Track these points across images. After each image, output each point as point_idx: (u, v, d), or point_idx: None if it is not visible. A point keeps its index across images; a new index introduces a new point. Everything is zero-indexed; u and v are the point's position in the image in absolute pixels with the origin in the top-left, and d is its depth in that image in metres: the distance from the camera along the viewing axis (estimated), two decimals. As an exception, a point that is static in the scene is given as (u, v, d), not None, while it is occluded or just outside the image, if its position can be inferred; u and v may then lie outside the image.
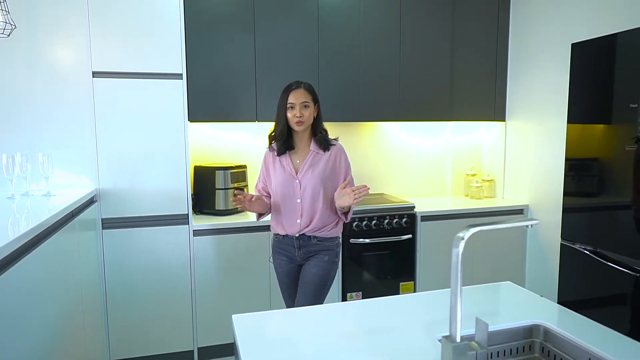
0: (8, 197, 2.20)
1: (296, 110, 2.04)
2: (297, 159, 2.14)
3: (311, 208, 2.10)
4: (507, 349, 1.33)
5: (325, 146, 2.12)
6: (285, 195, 2.13)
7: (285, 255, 2.20)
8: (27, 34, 2.35)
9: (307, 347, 1.22)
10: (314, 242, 2.14)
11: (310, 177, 2.08)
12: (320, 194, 2.10)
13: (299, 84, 2.10)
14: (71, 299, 2.07)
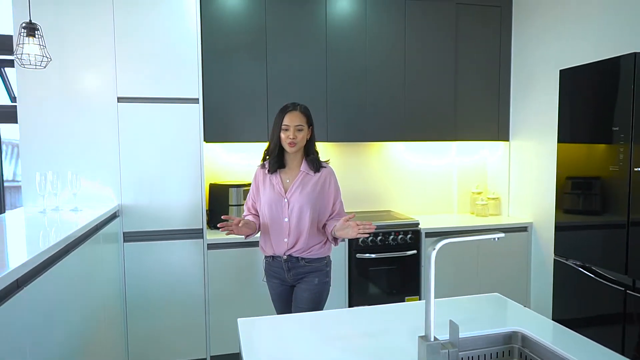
0: (40, 212, 2.41)
1: (290, 132, 2.06)
2: (287, 179, 2.15)
3: (298, 227, 2.10)
4: (488, 353, 1.45)
5: (316, 167, 2.14)
6: (273, 213, 2.12)
7: (276, 278, 2.20)
8: (60, 65, 2.60)
9: (304, 348, 1.37)
10: (302, 263, 2.13)
11: (299, 197, 2.09)
12: (308, 214, 2.09)
13: (295, 106, 2.13)
14: (94, 307, 2.25)
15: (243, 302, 2.95)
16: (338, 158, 3.61)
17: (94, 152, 2.72)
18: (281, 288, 2.21)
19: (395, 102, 3.43)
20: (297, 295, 2.16)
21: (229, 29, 3.09)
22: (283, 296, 2.22)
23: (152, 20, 2.74)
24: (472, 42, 3.56)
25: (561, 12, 3.12)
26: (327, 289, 2.20)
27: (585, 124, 2.55)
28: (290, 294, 2.21)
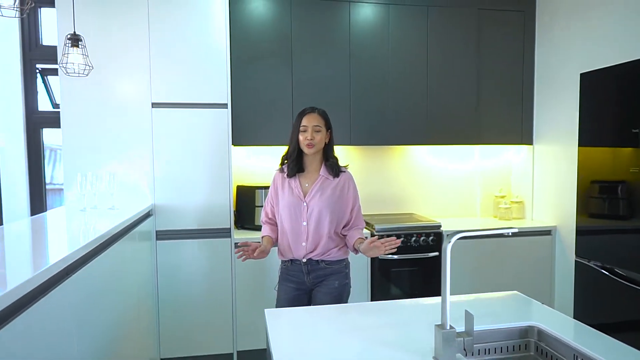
0: (81, 210, 2.58)
1: (308, 133, 2.08)
2: (306, 182, 2.16)
3: (316, 232, 2.11)
4: (504, 346, 1.50)
5: (335, 172, 2.15)
6: (292, 217, 2.13)
7: (293, 282, 2.18)
8: (99, 73, 2.77)
9: (326, 335, 1.45)
10: (322, 266, 2.14)
11: (318, 201, 2.10)
12: (327, 219, 2.10)
13: (314, 109, 2.16)
14: (129, 300, 2.38)
15: (269, 299, 3.03)
16: (361, 161, 3.69)
17: (130, 154, 2.88)
18: (295, 293, 2.18)
19: (418, 106, 3.49)
20: (318, 300, 2.15)
21: (256, 37, 3.22)
22: (294, 303, 2.17)
23: (184, 30, 2.89)
24: (495, 47, 3.59)
25: (585, 15, 3.13)
26: (348, 290, 2.21)
27: (606, 127, 2.56)
28: (303, 300, 2.19)
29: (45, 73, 3.43)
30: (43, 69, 3.42)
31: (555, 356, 1.41)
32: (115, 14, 2.81)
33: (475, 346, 1.45)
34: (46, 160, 3.78)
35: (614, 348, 1.33)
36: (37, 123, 3.40)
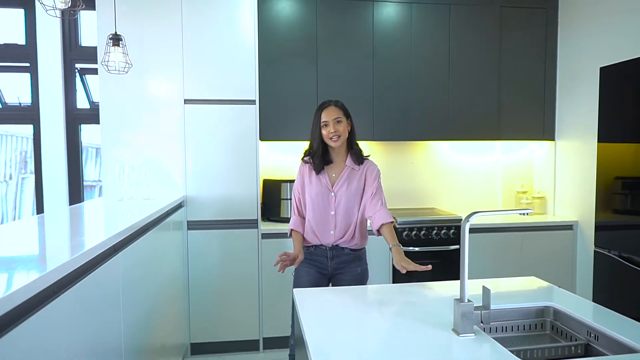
0: (119, 200, 2.75)
1: (330, 127, 2.11)
2: (333, 173, 2.21)
3: (344, 221, 2.17)
4: (521, 324, 1.57)
5: (360, 160, 2.20)
6: (320, 207, 2.19)
7: (314, 266, 2.22)
8: (135, 71, 2.94)
9: (351, 311, 1.55)
10: (346, 252, 2.20)
11: (345, 192, 2.16)
12: (355, 207, 2.17)
13: (330, 102, 2.18)
14: (163, 287, 2.53)
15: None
16: (384, 156, 3.78)
17: (164, 148, 3.04)
18: (316, 276, 2.21)
19: (440, 102, 3.56)
20: (342, 283, 2.21)
21: (283, 36, 3.34)
22: (316, 285, 2.19)
23: (215, 30, 3.04)
24: (517, 44, 3.63)
25: (606, 9, 3.14)
26: (367, 275, 2.30)
27: (626, 123, 2.58)
28: (323, 284, 2.23)
29: (84, 72, 3.64)
30: (82, 69, 3.62)
31: (570, 333, 1.48)
32: (151, 16, 2.97)
33: (493, 324, 1.53)
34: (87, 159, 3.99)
35: (628, 325, 1.39)
36: (75, 119, 3.60)
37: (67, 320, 1.18)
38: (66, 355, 1.18)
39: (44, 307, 1.03)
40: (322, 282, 2.24)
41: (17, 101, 3.65)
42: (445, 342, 1.28)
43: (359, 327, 1.43)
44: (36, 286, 0.99)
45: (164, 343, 2.49)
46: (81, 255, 1.26)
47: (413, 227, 3.29)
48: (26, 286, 0.95)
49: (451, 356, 1.23)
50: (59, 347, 1.13)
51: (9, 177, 4.44)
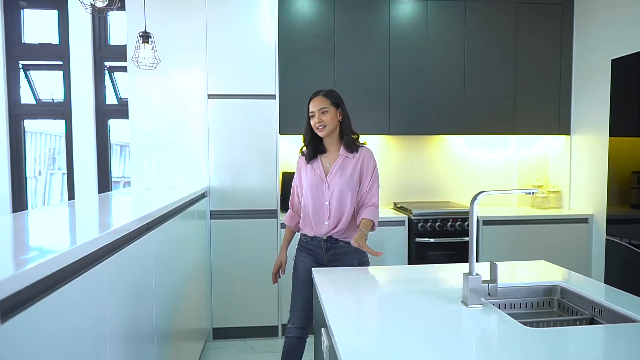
0: (146, 189, 2.90)
1: (315, 117, 2.12)
2: (327, 162, 2.20)
3: (338, 210, 2.14)
4: (529, 302, 1.65)
5: (353, 148, 2.16)
6: (314, 197, 2.18)
7: (311, 255, 2.23)
8: (162, 67, 3.09)
9: (369, 287, 1.65)
10: (341, 244, 2.17)
11: (339, 181, 2.13)
12: (348, 197, 2.14)
13: (318, 92, 2.18)
14: (187, 272, 2.66)
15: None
16: (399, 151, 3.87)
17: (188, 141, 3.19)
18: (313, 265, 2.19)
19: (455, 97, 3.63)
20: None
21: (302, 33, 3.46)
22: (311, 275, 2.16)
23: (238, 28, 3.17)
24: (532, 39, 3.68)
25: (624, 2, 3.17)
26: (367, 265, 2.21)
27: (637, 116, 2.61)
28: None
29: (112, 70, 3.82)
30: (110, 67, 3.80)
31: (576, 309, 1.55)
32: (177, 15, 3.12)
33: (501, 301, 1.61)
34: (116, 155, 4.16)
35: (631, 300, 1.46)
36: (104, 115, 3.78)
37: (108, 287, 1.31)
38: (108, 325, 1.30)
39: (87, 271, 1.16)
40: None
41: (51, 98, 3.85)
42: (455, 312, 1.37)
43: (375, 299, 1.53)
44: (81, 251, 1.11)
45: (190, 327, 2.63)
46: (123, 227, 1.40)
47: (428, 218, 3.36)
48: (72, 250, 1.08)
49: (460, 325, 1.32)
50: (102, 313, 1.26)
51: (38, 174, 4.67)
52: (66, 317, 1.04)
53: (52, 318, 0.97)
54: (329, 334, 1.28)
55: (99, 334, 1.23)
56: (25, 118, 3.79)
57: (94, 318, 1.20)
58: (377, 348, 1.12)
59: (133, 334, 1.55)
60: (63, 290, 1.01)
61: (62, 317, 1.02)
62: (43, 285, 0.93)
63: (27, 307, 0.87)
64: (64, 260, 1.01)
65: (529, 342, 1.16)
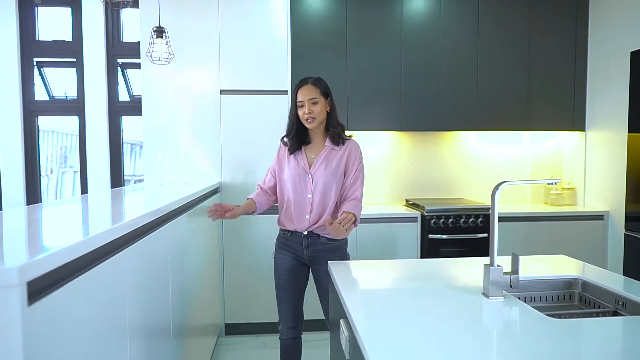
0: (160, 184, 2.90)
1: (305, 107, 2.00)
2: (311, 154, 2.10)
3: (321, 204, 2.05)
4: (549, 295, 1.62)
5: (339, 141, 2.07)
6: (297, 189, 2.07)
7: (290, 252, 2.13)
8: (175, 63, 3.10)
9: (387, 281, 1.64)
10: (322, 241, 2.08)
11: (323, 173, 2.04)
12: (332, 190, 2.05)
13: (307, 80, 2.05)
14: (200, 267, 2.66)
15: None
16: (411, 147, 3.84)
17: (201, 136, 3.20)
18: (293, 263, 2.13)
19: (468, 92, 3.60)
20: (319, 277, 2.11)
21: (314, 29, 3.45)
22: (294, 271, 2.13)
23: (250, 23, 3.17)
24: (546, 32, 3.64)
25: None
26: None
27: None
28: (302, 271, 2.15)
29: (125, 67, 3.83)
30: (123, 63, 3.82)
31: (598, 302, 1.53)
32: (190, 11, 3.13)
33: (521, 294, 1.58)
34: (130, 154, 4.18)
35: (655, 294, 1.43)
36: (117, 111, 3.80)
37: (128, 277, 1.30)
38: (129, 307, 1.30)
39: (109, 258, 1.16)
40: (302, 270, 2.15)
41: (64, 94, 3.88)
42: (476, 304, 1.35)
43: (394, 292, 1.51)
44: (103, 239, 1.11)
45: (203, 322, 2.63)
46: (141, 217, 1.40)
47: (441, 215, 3.34)
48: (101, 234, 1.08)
49: (481, 317, 1.30)
50: (122, 303, 1.26)
51: (50, 172, 4.71)
52: (89, 304, 1.03)
53: (76, 304, 0.97)
54: (350, 325, 1.27)
55: (119, 324, 1.23)
56: (40, 115, 3.81)
57: (115, 308, 1.20)
58: (399, 337, 1.10)
59: (151, 328, 1.55)
60: (86, 276, 1.01)
61: (85, 304, 1.02)
62: (67, 270, 0.93)
63: (52, 291, 0.87)
64: (88, 246, 1.01)
65: (554, 332, 1.14)
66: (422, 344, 1.06)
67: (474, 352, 1.04)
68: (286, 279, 2.13)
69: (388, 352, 1.01)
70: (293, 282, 2.13)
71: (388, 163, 3.84)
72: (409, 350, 1.03)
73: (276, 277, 2.18)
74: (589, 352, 1.07)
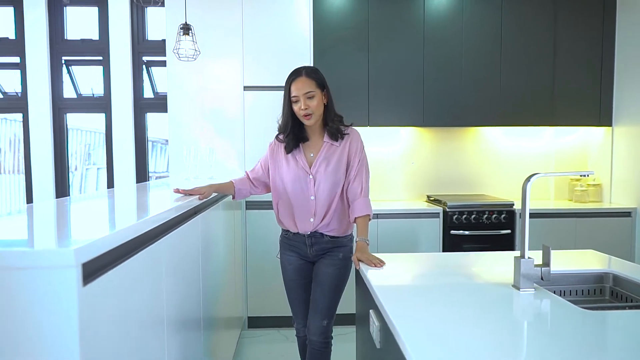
0: (185, 179, 2.96)
1: (301, 102, 1.83)
2: (310, 152, 1.94)
3: (325, 205, 1.93)
4: (579, 289, 1.61)
5: (338, 137, 1.92)
6: (297, 192, 1.94)
7: (295, 252, 2.05)
8: (200, 59, 3.14)
9: (418, 274, 1.65)
10: (326, 239, 1.98)
11: (324, 173, 1.90)
12: (336, 191, 1.93)
13: (300, 72, 1.88)
14: (225, 260, 2.71)
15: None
16: (433, 143, 3.83)
17: (225, 132, 3.24)
18: (299, 262, 2.05)
19: (491, 87, 3.57)
20: (320, 271, 2.00)
21: (336, 25, 3.47)
22: (302, 271, 2.06)
23: (273, 20, 3.20)
24: (571, 25, 3.58)
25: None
26: (351, 264, 2.02)
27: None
28: (309, 269, 2.06)
29: (150, 64, 3.91)
30: (148, 61, 3.89)
31: (630, 296, 1.51)
32: (214, 7, 3.18)
33: (551, 287, 1.58)
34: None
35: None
36: (142, 108, 3.88)
37: (165, 264, 1.34)
38: (166, 296, 1.34)
39: (150, 245, 1.20)
40: (307, 268, 2.06)
41: (91, 92, 3.97)
42: (507, 297, 1.35)
43: (427, 284, 1.52)
44: (147, 225, 1.16)
45: (228, 315, 2.67)
46: (177, 207, 1.44)
47: (463, 210, 3.32)
48: (144, 221, 1.12)
49: (512, 309, 1.30)
50: (160, 287, 1.30)
51: (74, 169, 4.83)
52: (133, 288, 1.07)
53: (123, 286, 1.01)
54: (380, 315, 1.29)
55: (158, 308, 1.27)
56: (68, 112, 3.91)
57: (153, 295, 1.24)
58: (432, 326, 1.12)
59: (184, 318, 1.59)
60: (131, 261, 1.05)
61: (131, 287, 1.05)
62: (116, 254, 0.97)
63: (103, 273, 0.91)
64: (134, 232, 1.05)
65: (589, 324, 1.14)
66: (455, 333, 1.07)
67: (508, 342, 1.05)
68: (295, 279, 2.07)
69: (422, 341, 1.03)
70: (302, 281, 2.07)
71: (409, 159, 3.83)
72: (443, 338, 1.04)
73: (285, 279, 2.12)
74: (624, 344, 1.06)
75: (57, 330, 0.80)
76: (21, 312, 0.79)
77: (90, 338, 0.85)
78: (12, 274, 0.79)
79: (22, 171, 4.01)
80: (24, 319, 0.80)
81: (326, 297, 1.97)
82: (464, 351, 0.97)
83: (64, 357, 0.81)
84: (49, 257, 0.79)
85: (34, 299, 0.79)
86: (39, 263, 0.79)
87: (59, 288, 0.80)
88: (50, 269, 0.79)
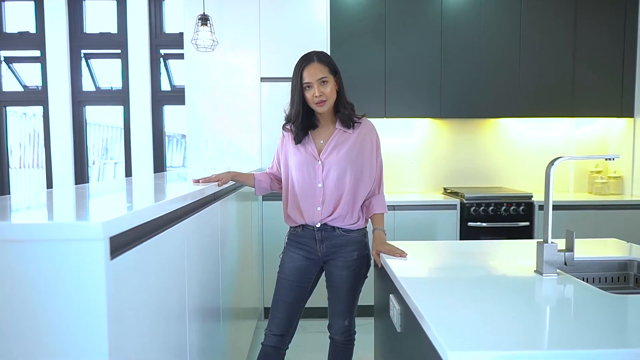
0: (203, 169, 2.98)
1: (314, 89, 1.74)
2: (320, 139, 1.85)
3: (335, 194, 1.81)
4: (602, 277, 1.59)
5: (351, 124, 1.83)
6: (304, 178, 1.83)
7: (302, 250, 1.88)
8: (217, 51, 3.16)
9: (440, 261, 1.64)
10: (338, 233, 1.83)
11: (335, 158, 1.79)
12: (347, 177, 1.80)
13: (311, 58, 1.78)
14: (242, 250, 2.73)
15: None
16: (450, 134, 3.80)
17: (242, 123, 3.26)
18: (303, 263, 1.88)
19: (510, 78, 3.52)
20: (334, 275, 1.86)
21: (353, 17, 3.45)
22: (301, 273, 1.88)
23: (290, 11, 3.21)
24: (593, 15, 3.51)
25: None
26: (369, 262, 1.91)
27: None
28: (311, 273, 1.91)
29: (167, 57, 3.94)
30: (165, 54, 3.93)
31: (656, 284, 1.49)
32: None
33: (574, 274, 1.55)
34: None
35: None
36: (160, 100, 3.91)
37: (187, 245, 1.36)
38: (187, 282, 1.36)
39: (173, 225, 1.21)
40: (310, 270, 1.89)
41: (109, 85, 4.02)
42: (529, 282, 1.34)
43: (444, 272, 1.52)
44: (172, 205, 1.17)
45: (245, 305, 2.69)
46: (199, 190, 1.46)
47: (481, 202, 3.29)
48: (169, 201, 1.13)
49: (535, 294, 1.28)
50: (182, 269, 1.31)
51: (92, 163, 4.90)
52: (156, 268, 1.09)
53: (148, 263, 1.02)
54: (402, 299, 1.28)
55: (180, 296, 1.29)
56: (87, 104, 3.97)
57: (176, 279, 1.25)
58: (455, 309, 1.11)
59: (204, 306, 1.61)
60: (156, 239, 1.06)
61: (154, 267, 1.07)
62: (142, 230, 0.98)
63: (130, 248, 0.92)
64: (158, 210, 1.06)
65: (613, 307, 1.12)
66: (478, 316, 1.06)
67: (533, 325, 1.04)
68: (290, 280, 1.89)
69: (445, 323, 1.01)
70: (296, 284, 1.88)
71: (426, 151, 3.80)
72: (466, 321, 1.03)
73: (279, 275, 1.93)
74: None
75: (86, 303, 0.82)
76: (51, 284, 0.81)
77: (117, 312, 0.86)
78: (43, 246, 0.80)
79: (42, 165, 4.09)
80: (53, 291, 0.81)
81: (343, 302, 1.88)
82: (488, 333, 0.96)
83: (91, 330, 0.82)
84: (79, 229, 0.81)
85: (64, 271, 0.81)
86: (69, 235, 0.81)
87: (88, 261, 0.81)
88: (79, 241, 0.81)
